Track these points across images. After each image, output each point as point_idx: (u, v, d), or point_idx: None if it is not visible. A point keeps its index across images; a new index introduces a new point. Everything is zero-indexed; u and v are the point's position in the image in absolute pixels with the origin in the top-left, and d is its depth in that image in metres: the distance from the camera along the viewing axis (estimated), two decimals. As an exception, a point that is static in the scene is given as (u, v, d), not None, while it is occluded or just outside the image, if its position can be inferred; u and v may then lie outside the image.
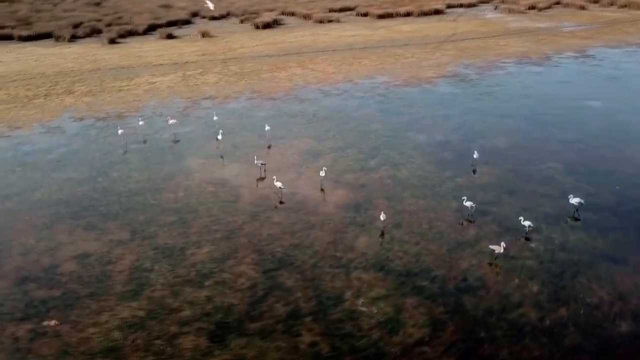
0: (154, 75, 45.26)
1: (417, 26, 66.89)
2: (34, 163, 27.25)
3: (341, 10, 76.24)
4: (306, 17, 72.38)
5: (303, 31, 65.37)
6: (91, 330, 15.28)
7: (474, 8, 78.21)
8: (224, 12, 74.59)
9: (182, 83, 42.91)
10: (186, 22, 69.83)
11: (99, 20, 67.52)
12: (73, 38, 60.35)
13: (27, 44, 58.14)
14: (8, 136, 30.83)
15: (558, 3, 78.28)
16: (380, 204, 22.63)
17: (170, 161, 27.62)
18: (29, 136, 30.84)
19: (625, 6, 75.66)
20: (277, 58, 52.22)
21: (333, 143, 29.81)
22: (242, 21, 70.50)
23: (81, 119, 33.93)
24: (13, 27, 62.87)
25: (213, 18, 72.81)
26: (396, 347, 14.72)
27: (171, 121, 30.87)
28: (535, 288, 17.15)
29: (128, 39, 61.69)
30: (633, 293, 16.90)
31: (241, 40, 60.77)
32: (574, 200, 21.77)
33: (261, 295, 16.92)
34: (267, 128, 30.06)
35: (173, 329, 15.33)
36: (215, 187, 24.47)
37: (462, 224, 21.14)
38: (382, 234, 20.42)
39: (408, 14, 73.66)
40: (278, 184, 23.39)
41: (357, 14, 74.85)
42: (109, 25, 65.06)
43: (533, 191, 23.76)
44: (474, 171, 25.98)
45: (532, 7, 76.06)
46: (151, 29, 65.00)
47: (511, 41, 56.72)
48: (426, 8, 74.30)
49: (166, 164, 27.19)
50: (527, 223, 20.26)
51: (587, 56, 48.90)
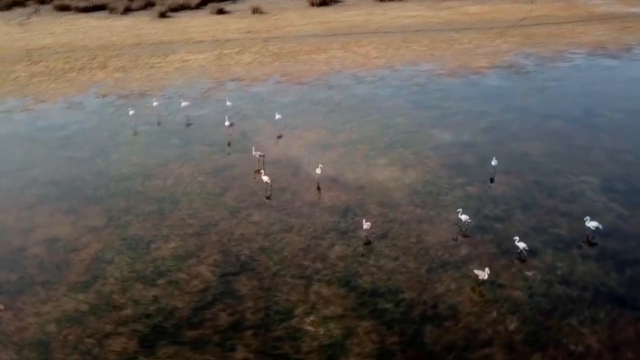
0: (190, 52, 45.91)
1: (488, 7, 63.01)
2: (44, 140, 28.56)
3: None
4: (367, -6, 70.31)
5: (359, 10, 63.65)
6: (30, 320, 15.70)
7: (556, -12, 72.42)
8: (281, -13, 74.18)
9: (215, 62, 43.18)
10: (242, -4, 70.29)
11: (155, -8, 69.47)
12: (126, 10, 62.62)
13: (82, 16, 61.11)
14: (30, 110, 32.55)
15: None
16: (371, 210, 21.45)
17: (173, 146, 27.85)
18: (50, 111, 32.37)
19: None
20: (322, 39, 51.23)
21: (347, 136, 28.70)
22: (299, -3, 69.76)
23: (104, 96, 35.11)
24: (72, -2, 66.27)
25: (269, -7, 72.75)
26: (334, 376, 13.89)
27: (184, 103, 31.07)
28: (512, 325, 15.45)
29: (179, 13, 63.11)
30: (630, 344, 14.76)
31: (291, 18, 60.22)
32: (591, 223, 19.45)
33: (209, 301, 16.55)
34: (278, 116, 29.44)
35: (108, 328, 15.39)
36: (205, 178, 24.35)
37: (456, 240, 19.52)
38: (364, 245, 19.33)
39: (480, -7, 69.53)
40: (265, 178, 22.83)
41: (424, -8, 71.66)
42: (164, -3, 66.81)
43: (552, 208, 21.49)
44: (492, 180, 23.96)
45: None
46: (204, 3, 66.01)
47: (590, 28, 51.92)
48: (501, -13, 69.69)
49: (167, 149, 27.44)
50: (522, 245, 18.36)
51: (674, 50, 43.73)
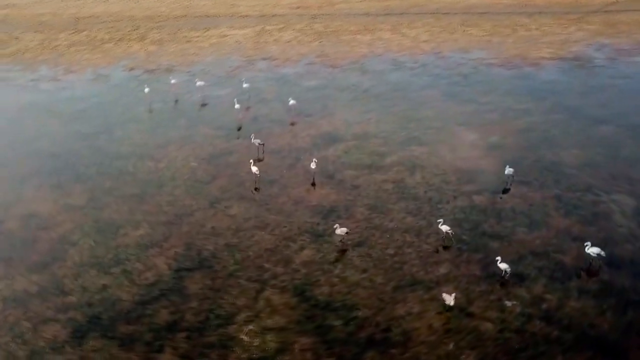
0: (232, 27, 46.20)
1: (572, -12, 58.29)
2: (60, 112, 29.98)
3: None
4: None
5: (424, -13, 61.08)
6: (-20, 296, 16.59)
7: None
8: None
9: (253, 39, 43.17)
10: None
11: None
12: (183, -19, 63.92)
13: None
14: (58, 80, 34.25)
15: None
16: (357, 214, 20.55)
17: (179, 127, 28.23)
18: (75, 82, 33.88)
19: None
20: (374, 18, 49.75)
21: (362, 128, 27.68)
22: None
23: (131, 69, 36.21)
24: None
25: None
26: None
27: (199, 83, 31.31)
28: (466, 363, 14.25)
29: (235, -15, 63.63)
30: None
31: (348, -7, 58.92)
32: (592, 249, 17.48)
33: (155, 296, 16.60)
34: (292, 102, 28.90)
35: (48, 313, 15.88)
36: (198, 163, 24.44)
37: (437, 255, 18.28)
38: (336, 251, 18.56)
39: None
40: (254, 169, 22.51)
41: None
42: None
43: (565, 230, 19.49)
44: (505, 190, 22.15)
45: None
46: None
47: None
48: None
49: (172, 130, 27.85)
50: (504, 266, 16.89)
51: None
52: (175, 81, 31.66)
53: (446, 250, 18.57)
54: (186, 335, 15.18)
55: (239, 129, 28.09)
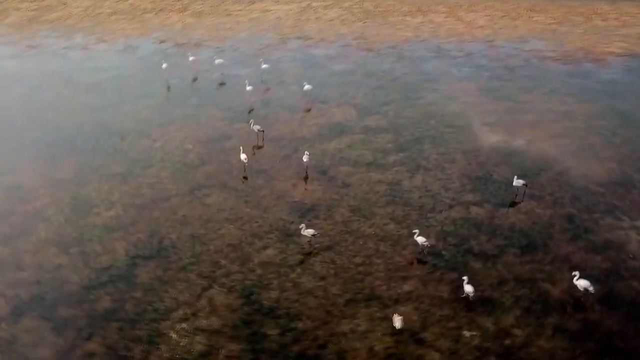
0: (277, 2, 46.02)
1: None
2: (78, 82, 31.29)
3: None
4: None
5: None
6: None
7: None
8: None
9: (295, 16, 42.77)
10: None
11: None
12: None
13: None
14: (88, 49, 35.68)
15: None
16: (336, 215, 19.98)
17: (187, 105, 28.60)
18: (103, 52, 35.16)
19: None
20: (433, -2, 47.71)
21: (375, 121, 26.76)
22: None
23: (162, 42, 37.03)
24: None
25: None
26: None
27: (217, 61, 31.46)
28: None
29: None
30: None
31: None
32: (580, 282, 15.99)
33: (103, 281, 17.04)
34: (307, 87, 28.40)
35: (-10, 288, 16.79)
36: (193, 146, 24.67)
37: (407, 270, 17.39)
38: (300, 254, 18.17)
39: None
40: (243, 157, 22.40)
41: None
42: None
43: (564, 257, 17.91)
44: (512, 204, 20.67)
45: None
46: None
47: None
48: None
49: (180, 108, 28.27)
50: (469, 289, 16.02)
51: None
52: (193, 58, 32.03)
53: (419, 265, 17.68)
54: (119, 326, 15.51)
55: (250, 111, 28.05)
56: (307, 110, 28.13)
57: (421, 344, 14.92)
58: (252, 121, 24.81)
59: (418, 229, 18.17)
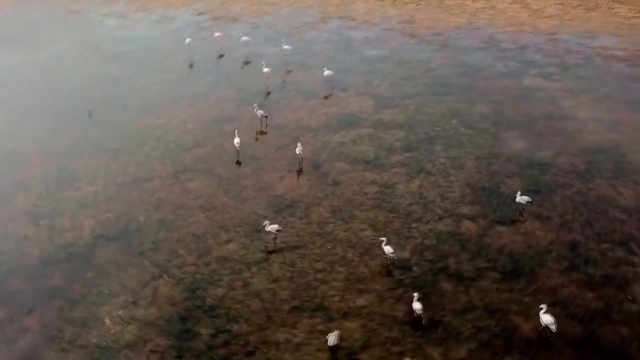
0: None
1: None
2: (104, 51, 32.65)
3: None
4: None
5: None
6: None
7: None
8: None
9: (346, -6, 42.02)
10: None
11: None
12: None
13: None
14: (124, 17, 37.04)
15: None
16: (314, 215, 19.73)
17: (201, 84, 29.10)
18: (138, 22, 36.37)
19: None
20: (503, -20, 45.18)
21: (391, 115, 25.97)
22: None
23: (199, 14, 37.71)
24: None
25: None
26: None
27: (243, 38, 31.59)
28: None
29: None
30: None
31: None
32: (544, 317, 14.97)
33: (61, 258, 17.97)
34: (327, 72, 27.93)
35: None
36: (193, 126, 25.12)
37: (368, 282, 16.90)
38: (263, 252, 18.15)
39: None
40: (236, 141, 22.53)
41: None
42: None
43: (549, 289, 16.72)
44: (512, 222, 19.48)
45: None
46: None
47: None
48: None
49: (193, 86, 28.83)
50: (418, 307, 15.53)
51: None
52: (219, 34, 32.37)
53: (383, 278, 17.17)
54: (61, 305, 16.29)
55: (268, 94, 28.11)
56: (325, 97, 27.76)
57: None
58: (256, 105, 24.83)
59: (386, 238, 17.69)
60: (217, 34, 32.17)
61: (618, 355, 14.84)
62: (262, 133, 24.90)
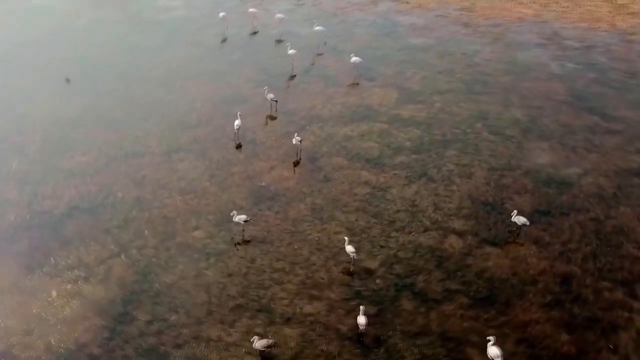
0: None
1: None
2: (142, 20, 33.95)
3: None
4: None
5: None
6: None
7: None
8: None
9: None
10: None
11: None
12: None
13: None
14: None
15: None
16: (292, 211, 19.74)
17: (225, 61, 29.67)
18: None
19: None
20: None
21: (413, 111, 25.34)
22: None
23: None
24: None
25: None
26: None
27: (278, 15, 31.62)
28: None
29: None
30: None
31: None
32: (492, 350, 14.28)
33: (33, 224, 19.08)
34: (355, 59, 27.52)
35: None
36: (201, 105, 25.67)
37: (324, 290, 16.75)
38: (227, 243, 18.44)
39: None
40: (236, 123, 22.85)
41: None
42: None
43: (521, 323, 15.90)
44: (504, 244, 18.56)
45: None
46: None
47: None
48: None
49: (217, 62, 29.48)
50: (362, 321, 15.30)
51: None
52: (253, 10, 32.61)
53: (340, 287, 17.01)
54: (16, 272, 17.35)
55: (293, 77, 28.23)
56: (348, 85, 27.44)
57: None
58: (267, 88, 24.96)
59: (348, 237, 17.63)
60: (251, 10, 32.47)
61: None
62: (272, 118, 25.09)
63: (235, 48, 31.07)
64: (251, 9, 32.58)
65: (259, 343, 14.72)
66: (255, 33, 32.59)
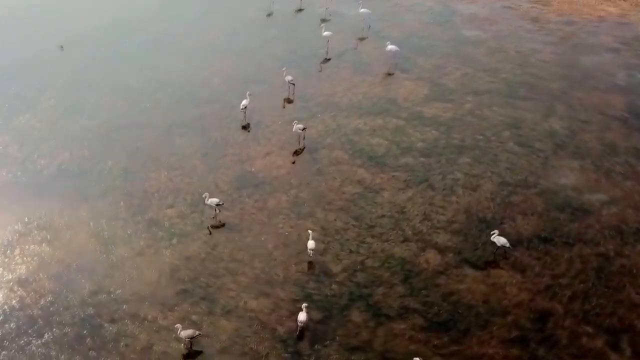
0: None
1: None
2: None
3: None
4: None
5: None
6: None
7: None
8: None
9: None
10: None
11: None
12: None
13: None
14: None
15: None
16: (273, 202, 20.13)
17: (259, 38, 30.27)
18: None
19: None
20: None
21: (439, 110, 24.91)
22: None
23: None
24: None
25: None
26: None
27: (320, -5, 31.83)
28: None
29: None
30: None
31: None
32: None
33: (17, 184, 20.71)
34: (391, 47, 27.21)
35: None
36: (220, 80, 26.50)
37: (278, 286, 17.04)
38: (201, 226, 19.14)
39: None
40: (243, 103, 23.44)
41: None
42: None
43: (475, 356, 15.46)
44: (484, 267, 18.01)
45: None
46: None
47: None
48: None
49: (251, 39, 30.20)
50: (302, 319, 15.69)
51: None
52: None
53: (292, 287, 17.35)
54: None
55: (327, 60, 28.40)
56: (378, 74, 27.23)
57: (197, 365, 15.19)
58: (285, 69, 25.29)
59: (312, 232, 17.99)
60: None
61: None
62: (288, 101, 25.43)
63: (274, 24, 31.60)
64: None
65: (184, 333, 15.33)
66: (300, 10, 32.92)
